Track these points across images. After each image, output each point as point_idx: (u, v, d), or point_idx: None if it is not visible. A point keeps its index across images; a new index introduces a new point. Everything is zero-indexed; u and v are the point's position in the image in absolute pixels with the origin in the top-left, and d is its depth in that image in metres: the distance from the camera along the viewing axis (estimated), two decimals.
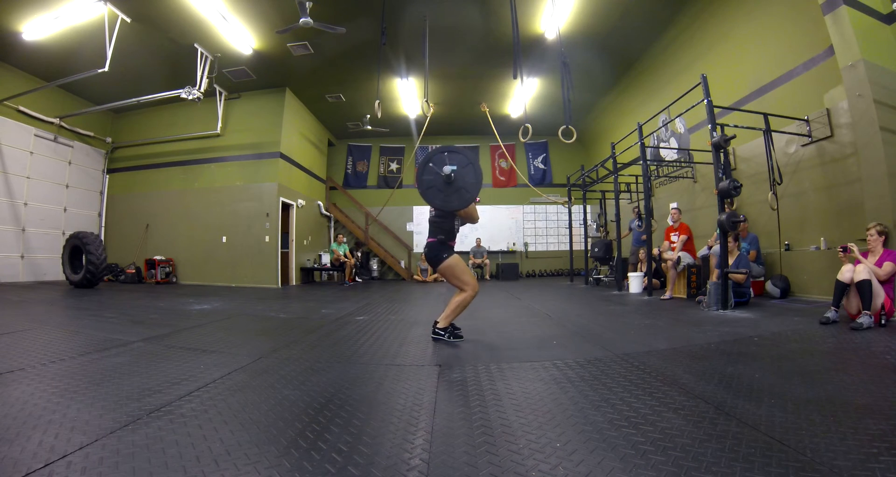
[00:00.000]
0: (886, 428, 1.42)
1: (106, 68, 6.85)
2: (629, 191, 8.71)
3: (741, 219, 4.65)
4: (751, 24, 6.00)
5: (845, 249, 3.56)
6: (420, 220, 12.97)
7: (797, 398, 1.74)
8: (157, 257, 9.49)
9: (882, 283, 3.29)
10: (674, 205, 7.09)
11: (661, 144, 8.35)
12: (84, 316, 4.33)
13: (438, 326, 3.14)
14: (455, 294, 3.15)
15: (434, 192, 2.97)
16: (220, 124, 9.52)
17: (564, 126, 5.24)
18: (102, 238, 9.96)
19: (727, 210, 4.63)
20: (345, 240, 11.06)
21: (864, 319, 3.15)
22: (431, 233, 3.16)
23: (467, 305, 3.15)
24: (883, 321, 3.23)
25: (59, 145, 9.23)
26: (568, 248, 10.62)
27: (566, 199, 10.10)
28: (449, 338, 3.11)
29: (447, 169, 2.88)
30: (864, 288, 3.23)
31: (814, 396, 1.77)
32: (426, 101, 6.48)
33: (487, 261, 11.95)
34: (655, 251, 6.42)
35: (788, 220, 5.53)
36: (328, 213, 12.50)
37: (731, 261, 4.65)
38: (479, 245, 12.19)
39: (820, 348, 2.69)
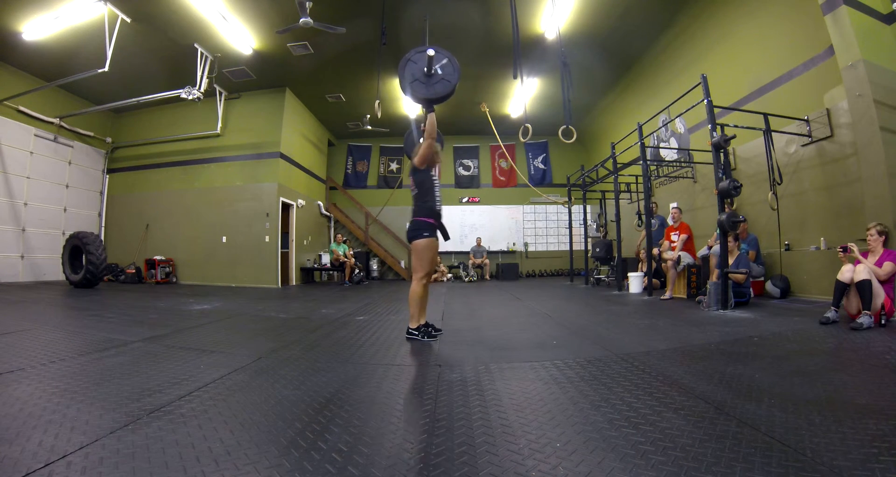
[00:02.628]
0: (886, 428, 1.42)
1: (106, 68, 6.85)
2: (629, 191, 8.71)
3: (741, 219, 4.65)
4: (751, 24, 6.00)
5: (845, 249, 3.56)
6: None
7: (797, 398, 1.74)
8: (157, 257, 9.49)
9: (882, 283, 3.29)
10: (674, 204, 7.08)
11: (661, 144, 8.35)
12: (84, 316, 4.33)
13: (411, 327, 3.14)
14: (411, 290, 3.16)
15: (418, 85, 3.08)
16: (220, 124, 9.52)
17: (564, 126, 5.24)
18: (102, 238, 9.96)
19: (727, 210, 4.62)
20: (344, 239, 11.07)
21: (864, 319, 3.15)
22: (416, 212, 3.17)
23: (426, 296, 3.17)
24: (883, 321, 3.23)
25: (59, 145, 9.23)
26: (568, 248, 10.62)
27: (566, 199, 10.10)
28: (423, 337, 3.10)
29: (430, 51, 2.99)
30: (864, 288, 3.23)
31: (814, 396, 1.77)
32: None
33: (487, 261, 11.95)
34: (655, 251, 6.42)
35: (788, 220, 5.53)
36: (328, 213, 12.50)
37: (731, 261, 4.65)
38: (479, 245, 12.19)
39: (820, 348, 2.69)
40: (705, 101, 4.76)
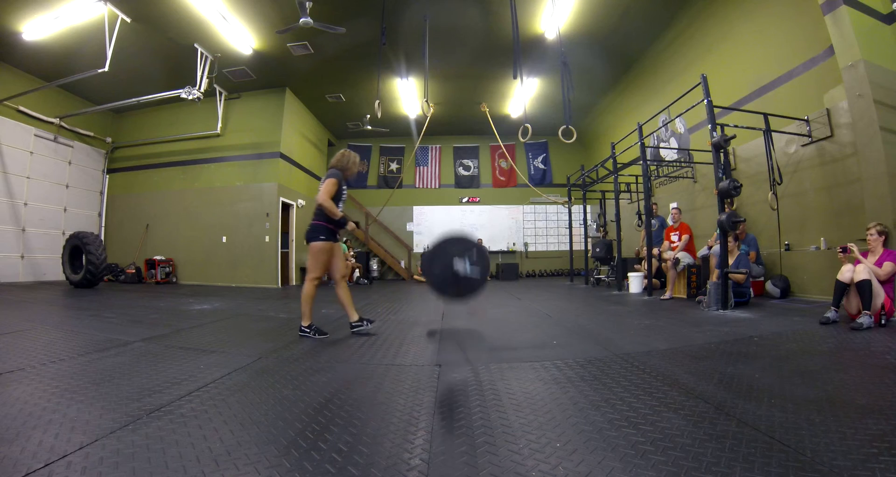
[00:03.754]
0: (886, 428, 1.42)
1: (106, 68, 6.85)
2: (629, 191, 8.71)
3: (741, 219, 4.65)
4: (751, 24, 6.00)
5: (845, 250, 3.56)
6: (420, 220, 12.95)
7: (797, 398, 1.74)
8: (157, 257, 9.49)
9: (882, 283, 3.29)
10: (674, 205, 7.08)
11: (661, 144, 8.35)
12: (84, 316, 4.32)
13: (303, 324, 3.25)
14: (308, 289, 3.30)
15: (446, 286, 3.42)
16: (220, 124, 9.52)
17: (564, 126, 5.23)
18: (102, 238, 9.96)
19: (727, 210, 4.62)
20: (345, 239, 11.06)
21: (864, 319, 3.15)
22: (317, 215, 3.30)
23: (313, 296, 3.30)
24: (883, 321, 3.23)
25: (59, 145, 9.23)
26: (568, 248, 10.62)
27: (566, 199, 10.10)
28: (315, 335, 3.21)
29: (459, 266, 3.30)
30: (864, 288, 3.23)
31: (814, 396, 1.77)
32: (426, 101, 6.47)
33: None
34: (655, 251, 6.42)
35: (788, 220, 5.53)
36: None
37: (730, 261, 4.65)
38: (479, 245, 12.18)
39: (820, 348, 2.69)
40: (705, 101, 4.76)
